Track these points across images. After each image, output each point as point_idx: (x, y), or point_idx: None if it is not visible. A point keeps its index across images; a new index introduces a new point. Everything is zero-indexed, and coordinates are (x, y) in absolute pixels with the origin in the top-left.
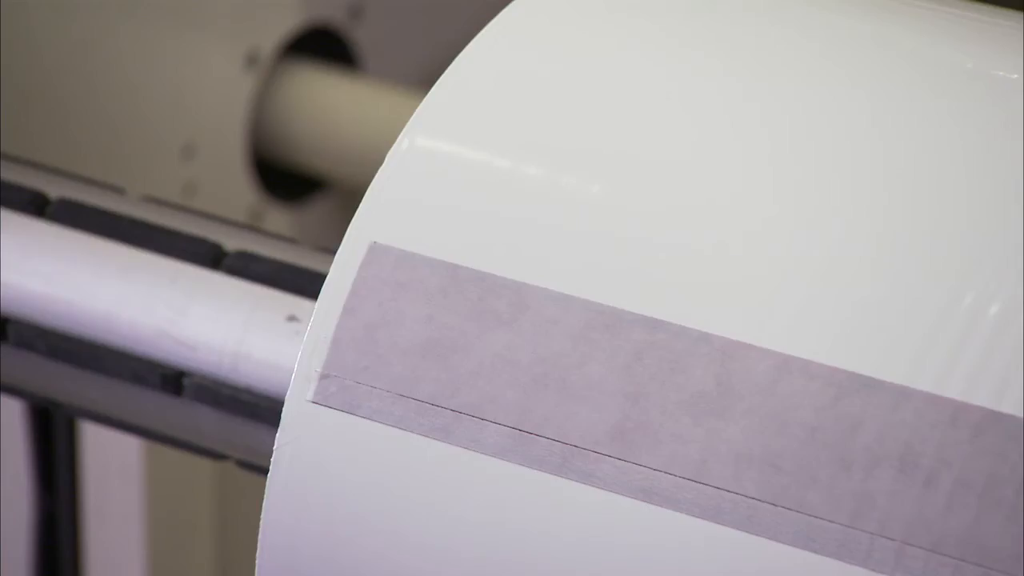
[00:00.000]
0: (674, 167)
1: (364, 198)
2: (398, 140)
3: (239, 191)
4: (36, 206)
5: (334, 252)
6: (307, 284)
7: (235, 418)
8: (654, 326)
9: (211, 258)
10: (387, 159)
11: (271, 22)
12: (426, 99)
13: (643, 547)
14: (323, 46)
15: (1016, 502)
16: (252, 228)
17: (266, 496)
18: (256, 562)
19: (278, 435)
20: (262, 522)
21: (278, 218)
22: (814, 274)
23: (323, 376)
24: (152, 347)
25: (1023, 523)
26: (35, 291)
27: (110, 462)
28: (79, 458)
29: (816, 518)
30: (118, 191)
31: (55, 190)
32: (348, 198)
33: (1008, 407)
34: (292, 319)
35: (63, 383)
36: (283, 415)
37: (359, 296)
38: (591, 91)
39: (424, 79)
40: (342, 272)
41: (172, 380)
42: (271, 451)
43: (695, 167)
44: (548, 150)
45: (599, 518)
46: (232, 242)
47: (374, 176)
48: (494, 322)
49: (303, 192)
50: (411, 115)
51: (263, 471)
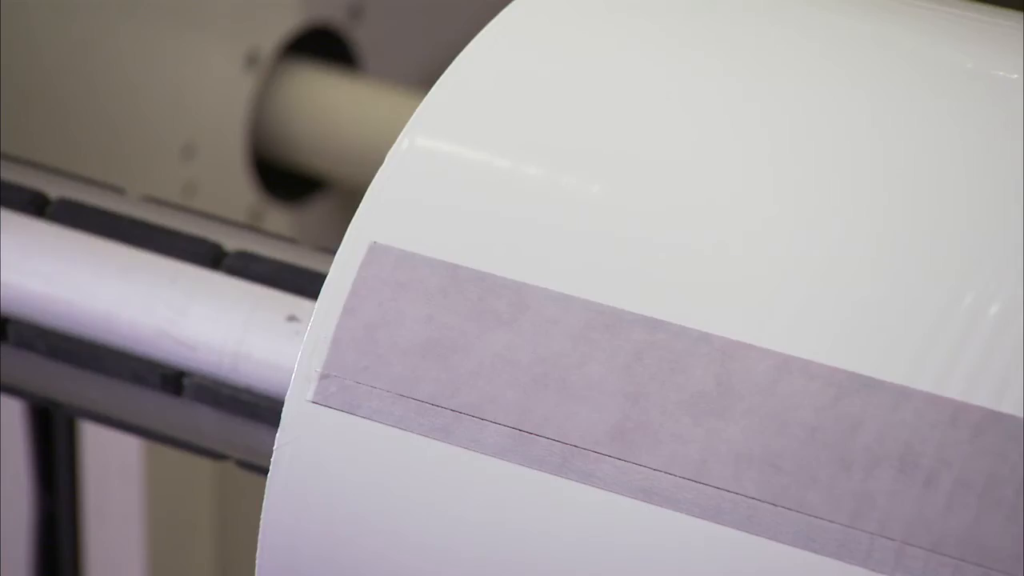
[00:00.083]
0: (674, 167)
1: (364, 198)
2: (398, 140)
3: (239, 191)
4: (36, 206)
5: (334, 252)
6: (307, 284)
7: (235, 418)
8: (654, 326)
9: (211, 258)
10: (387, 159)
11: (271, 22)
12: (426, 99)
13: (643, 547)
14: (323, 46)
15: (1016, 502)
16: (252, 228)
17: (266, 496)
18: (256, 562)
19: (278, 435)
20: (262, 522)
21: (278, 218)
22: (814, 274)
23: (323, 376)
24: (152, 347)
25: (1023, 523)
26: (35, 291)
27: (110, 462)
28: (79, 458)
29: (816, 518)
30: (118, 191)
31: (55, 190)
32: (348, 198)
33: (1008, 407)
34: (292, 319)
35: (63, 383)
36: (283, 415)
37: (359, 296)
38: (591, 91)
39: (424, 79)
40: (342, 272)
41: (172, 380)
42: (271, 451)
43: (695, 167)
44: (548, 150)
45: (599, 518)
46: (232, 242)
47: (374, 176)
48: (494, 322)
49: (303, 192)
50: (411, 115)
51: (263, 471)
